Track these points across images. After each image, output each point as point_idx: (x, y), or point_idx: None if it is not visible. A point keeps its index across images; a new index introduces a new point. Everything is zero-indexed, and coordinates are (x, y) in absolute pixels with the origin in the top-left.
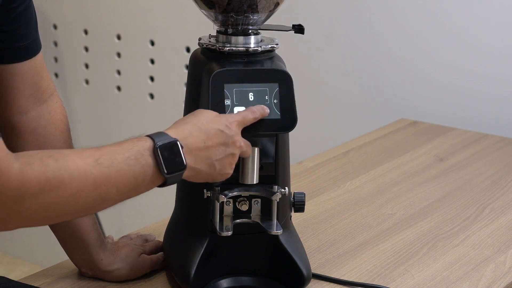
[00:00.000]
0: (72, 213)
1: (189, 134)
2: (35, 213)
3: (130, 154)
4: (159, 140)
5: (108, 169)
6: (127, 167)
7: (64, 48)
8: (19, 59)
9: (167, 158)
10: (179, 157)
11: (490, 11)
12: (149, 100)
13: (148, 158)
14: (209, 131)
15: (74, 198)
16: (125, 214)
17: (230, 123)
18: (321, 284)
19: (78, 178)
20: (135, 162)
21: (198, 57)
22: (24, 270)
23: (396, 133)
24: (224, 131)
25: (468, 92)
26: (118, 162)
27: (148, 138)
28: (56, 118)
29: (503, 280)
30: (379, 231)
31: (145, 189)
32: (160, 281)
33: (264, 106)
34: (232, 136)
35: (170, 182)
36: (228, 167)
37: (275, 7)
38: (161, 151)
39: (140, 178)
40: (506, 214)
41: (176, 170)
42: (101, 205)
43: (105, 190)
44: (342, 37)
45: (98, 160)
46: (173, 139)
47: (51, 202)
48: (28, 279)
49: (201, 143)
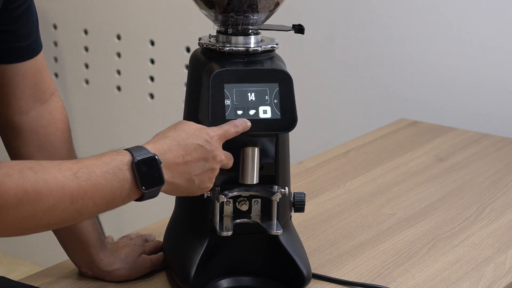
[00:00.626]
0: (48, 226)
1: (168, 148)
2: (12, 224)
3: (108, 168)
4: (138, 155)
5: (86, 183)
6: (105, 182)
7: (64, 48)
8: (20, 59)
9: (145, 173)
10: (157, 172)
11: (490, 11)
12: (149, 100)
13: (126, 173)
14: (188, 146)
15: (51, 211)
16: (125, 214)
17: (211, 138)
18: (321, 284)
19: (55, 191)
20: (113, 176)
21: (198, 57)
22: (24, 270)
23: (396, 133)
24: (204, 146)
25: (468, 92)
26: (96, 176)
27: (127, 152)
28: (56, 118)
29: (503, 280)
30: (379, 231)
31: (121, 203)
32: (160, 281)
33: (246, 120)
34: (212, 151)
35: (147, 197)
36: (208, 182)
37: (275, 7)
38: (139, 166)
39: (117, 192)
40: (506, 214)
41: (154, 185)
42: (78, 218)
43: (82, 204)
44: (342, 37)
45: (76, 173)
46: (151, 154)
47: (28, 214)
48: (28, 279)
49: (179, 158)
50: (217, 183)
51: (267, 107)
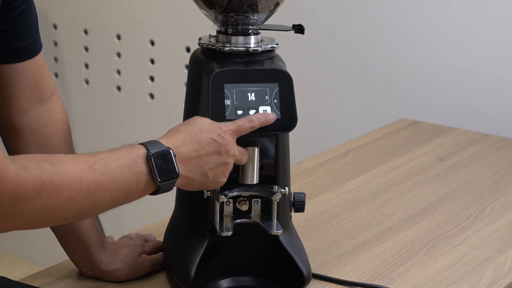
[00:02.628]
0: (65, 218)
1: (181, 143)
2: (29, 216)
3: (124, 161)
4: (152, 148)
5: (103, 175)
6: (121, 174)
7: (64, 48)
8: (20, 59)
9: (160, 166)
10: (172, 165)
11: (490, 11)
12: (149, 100)
13: (141, 166)
14: (202, 140)
15: (68, 203)
16: (125, 214)
17: (224, 132)
18: (321, 284)
19: (73, 183)
20: (128, 169)
21: (198, 57)
22: (24, 270)
23: (396, 133)
24: (217, 140)
25: (468, 92)
26: (112, 169)
27: (141, 146)
28: (56, 118)
29: (503, 280)
30: (379, 231)
31: (137, 196)
32: (160, 281)
33: (269, 114)
34: (225, 145)
35: (162, 190)
36: (221, 176)
37: (275, 7)
38: (155, 159)
39: (133, 186)
40: (506, 214)
41: (169, 178)
42: (94, 211)
43: (99, 196)
44: (342, 37)
45: (93, 166)
46: (166, 147)
47: (45, 206)
48: (28, 279)
49: (193, 152)
50: None
51: (267, 107)
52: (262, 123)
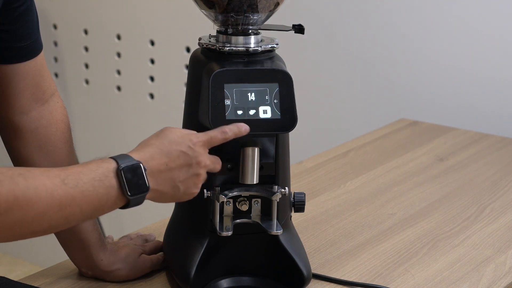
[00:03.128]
0: (35, 232)
1: (150, 156)
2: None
3: (95, 175)
4: (122, 162)
5: (74, 189)
6: (92, 188)
7: (64, 48)
8: (20, 59)
9: (131, 180)
10: (142, 179)
11: (490, 11)
12: (149, 100)
13: (112, 180)
14: (171, 153)
15: (39, 217)
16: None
17: (194, 144)
18: (321, 284)
19: (45, 198)
20: (99, 183)
21: (198, 57)
22: (24, 270)
23: (396, 133)
24: (187, 153)
25: (468, 92)
26: (83, 183)
27: (112, 160)
28: (57, 118)
29: (503, 280)
30: (379, 231)
31: (108, 210)
32: (160, 281)
33: (242, 124)
34: (196, 157)
35: (132, 204)
36: (193, 187)
37: (275, 7)
38: (125, 173)
39: (103, 199)
40: (506, 214)
41: (139, 192)
42: (65, 225)
43: (69, 211)
44: (342, 37)
45: (64, 180)
46: (136, 161)
47: (16, 220)
48: (28, 279)
49: (163, 165)
50: (217, 183)
51: (267, 107)
52: (235, 134)
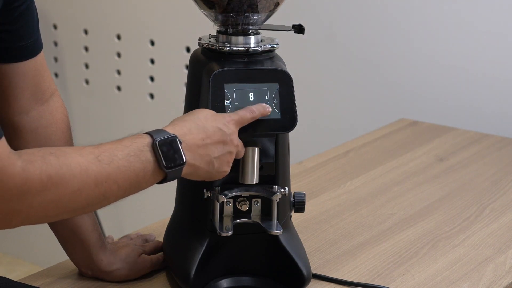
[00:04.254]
0: (73, 210)
1: (188, 131)
2: (37, 210)
3: (129, 151)
4: (157, 136)
5: (109, 165)
6: (127, 164)
7: (64, 48)
8: (20, 59)
9: (166, 153)
10: (178, 152)
11: (490, 11)
12: (149, 100)
13: (147, 154)
14: (208, 129)
15: (75, 195)
16: (125, 214)
17: (228, 122)
18: (321, 284)
19: (79, 175)
20: (135, 158)
21: (198, 57)
22: (24, 270)
23: (396, 133)
24: (223, 129)
25: (468, 92)
26: (118, 158)
27: (146, 135)
28: (57, 118)
29: (503, 280)
30: (379, 231)
31: (146, 185)
32: (160, 281)
33: (265, 105)
34: (230, 134)
35: (170, 178)
36: (226, 165)
37: (275, 7)
38: (160, 146)
39: (140, 174)
40: (506, 214)
41: (176, 165)
42: (103, 202)
43: (106, 187)
44: (342, 37)
45: (98, 157)
46: (171, 135)
47: (53, 199)
48: (28, 279)
49: (199, 140)
50: (217, 183)
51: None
52: (261, 114)
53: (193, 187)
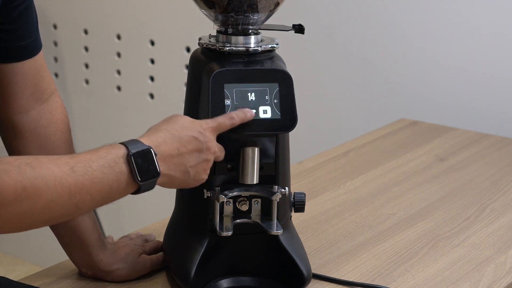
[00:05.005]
0: (46, 221)
1: (162, 141)
2: (9, 221)
3: (104, 162)
4: (132, 148)
5: (83, 177)
6: (102, 175)
7: (64, 48)
8: (20, 58)
9: (141, 165)
10: (152, 164)
11: (490, 11)
12: (149, 100)
13: (122, 166)
14: (183, 138)
15: (49, 206)
16: (125, 214)
17: (204, 130)
18: (321, 284)
19: (53, 186)
20: (109, 170)
21: (198, 57)
22: (24, 270)
23: (396, 133)
24: (198, 138)
25: (468, 92)
26: (92, 170)
27: (122, 145)
28: (57, 118)
29: (503, 280)
30: (379, 231)
31: (118, 196)
32: (160, 281)
33: (247, 110)
34: (206, 143)
35: (143, 189)
36: (203, 173)
37: (275, 7)
38: (135, 158)
39: (114, 186)
40: (507, 214)
41: (150, 177)
42: (75, 213)
43: (80, 198)
44: (342, 37)
45: (73, 168)
46: (146, 146)
47: (26, 210)
48: (28, 279)
49: (174, 150)
50: (217, 183)
51: (267, 107)
52: (242, 120)
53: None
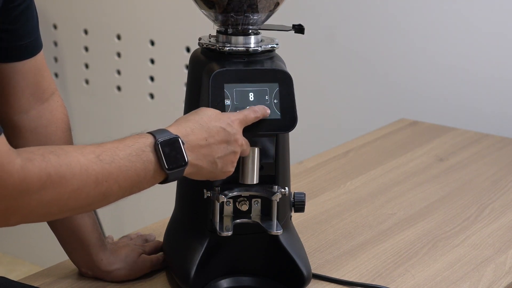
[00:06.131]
0: (73, 209)
1: (190, 131)
2: (36, 209)
3: (131, 151)
4: (160, 137)
5: (110, 165)
6: (129, 163)
7: (64, 48)
8: (20, 58)
9: (168, 154)
10: (180, 153)
11: (490, 11)
12: (149, 100)
13: (149, 154)
14: (211, 129)
15: (75, 194)
16: (125, 214)
17: (232, 121)
18: (321, 284)
19: (79, 174)
20: (136, 158)
21: (198, 57)
22: (24, 270)
23: (396, 133)
24: (226, 129)
25: (468, 92)
26: (119, 158)
27: (149, 134)
28: (57, 118)
29: (503, 280)
30: (379, 231)
31: (147, 185)
32: (160, 281)
33: (265, 107)
34: (234, 134)
35: (171, 178)
36: (230, 165)
37: (275, 7)
38: (162, 147)
39: (141, 174)
40: (506, 214)
41: (177, 166)
42: (103, 201)
43: (107, 186)
44: (342, 37)
45: (99, 156)
46: (174, 135)
47: (52, 198)
48: (28, 279)
49: (203, 140)
50: (217, 183)
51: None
52: (263, 115)
53: (193, 187)
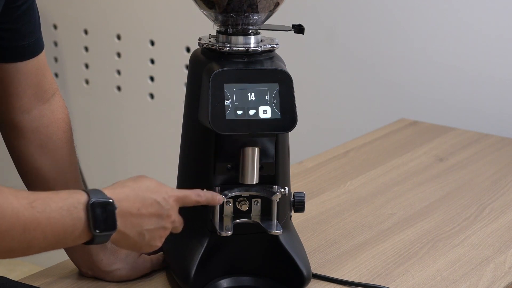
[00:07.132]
0: None
1: (125, 197)
2: None
3: (63, 204)
4: (94, 197)
5: (40, 214)
6: (59, 216)
7: (64, 48)
8: (22, 58)
9: (99, 216)
10: (111, 217)
11: (490, 11)
12: (149, 100)
13: (80, 212)
14: (146, 200)
15: (1, 235)
16: None
17: (169, 197)
18: (321, 284)
19: (9, 217)
20: (67, 213)
21: (198, 57)
22: (24, 270)
23: (396, 133)
24: (161, 203)
25: (468, 92)
26: (51, 209)
27: (84, 192)
28: (58, 118)
29: (503, 280)
30: (379, 231)
31: (71, 243)
32: (160, 281)
33: (217, 195)
34: (168, 210)
35: (97, 241)
36: (158, 240)
37: (275, 7)
38: (94, 208)
39: (69, 231)
40: (506, 214)
41: (106, 229)
42: (24, 251)
43: (33, 235)
44: (342, 37)
45: (32, 203)
46: (108, 198)
47: None
48: (28, 279)
49: (135, 209)
50: (217, 183)
51: (267, 107)
52: (207, 201)
53: (193, 187)
